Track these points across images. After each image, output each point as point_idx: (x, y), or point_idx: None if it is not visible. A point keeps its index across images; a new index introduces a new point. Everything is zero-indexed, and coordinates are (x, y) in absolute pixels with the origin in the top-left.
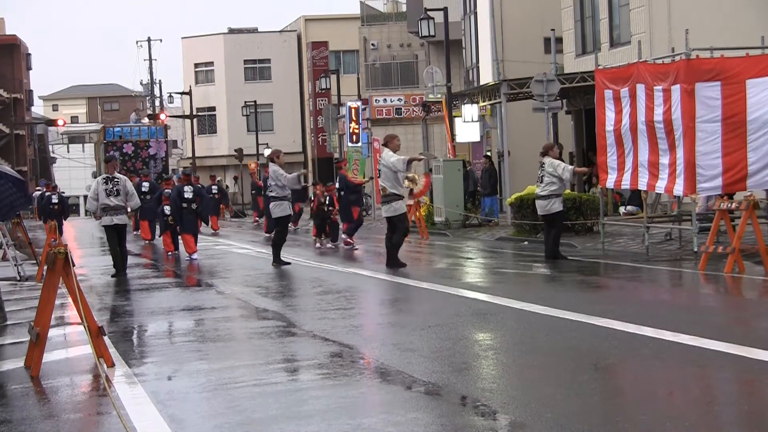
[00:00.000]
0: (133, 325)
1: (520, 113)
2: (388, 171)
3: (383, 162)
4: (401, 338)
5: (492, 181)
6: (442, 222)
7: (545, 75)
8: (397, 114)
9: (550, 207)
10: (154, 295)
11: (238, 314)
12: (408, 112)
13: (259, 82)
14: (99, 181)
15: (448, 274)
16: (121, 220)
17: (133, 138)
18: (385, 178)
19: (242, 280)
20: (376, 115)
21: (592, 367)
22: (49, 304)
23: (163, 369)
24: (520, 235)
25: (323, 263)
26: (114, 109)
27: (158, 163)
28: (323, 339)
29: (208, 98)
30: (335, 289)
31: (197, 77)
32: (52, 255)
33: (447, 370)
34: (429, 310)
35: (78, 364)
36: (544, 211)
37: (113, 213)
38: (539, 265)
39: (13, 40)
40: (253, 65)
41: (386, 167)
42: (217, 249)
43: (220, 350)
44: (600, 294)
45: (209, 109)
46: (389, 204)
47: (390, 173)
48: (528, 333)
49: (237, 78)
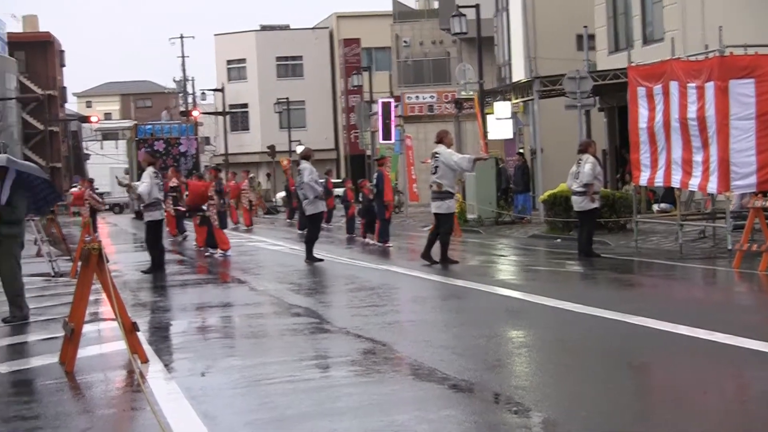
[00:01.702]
0: (167, 321)
1: (552, 110)
2: (447, 169)
3: (443, 159)
4: (434, 335)
5: (525, 178)
6: (475, 219)
7: (578, 72)
8: (429, 111)
9: (585, 203)
10: (187, 291)
11: (270, 311)
12: (440, 109)
13: (291, 79)
14: (151, 174)
15: (481, 272)
16: (164, 214)
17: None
18: (443, 175)
19: (275, 276)
20: (408, 112)
21: (625, 365)
22: (84, 300)
23: (197, 365)
24: (553, 232)
25: (356, 260)
26: (147, 106)
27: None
28: (356, 336)
29: (240, 95)
30: (368, 285)
31: (230, 74)
32: (87, 251)
33: (480, 367)
34: (462, 308)
35: (112, 360)
36: (579, 207)
37: (161, 207)
38: (572, 263)
39: (46, 37)
40: (286, 62)
41: (446, 165)
42: (250, 246)
43: (252, 347)
44: (633, 292)
45: (242, 106)
46: (443, 201)
47: (449, 171)
48: (561, 331)
49: (269, 75)
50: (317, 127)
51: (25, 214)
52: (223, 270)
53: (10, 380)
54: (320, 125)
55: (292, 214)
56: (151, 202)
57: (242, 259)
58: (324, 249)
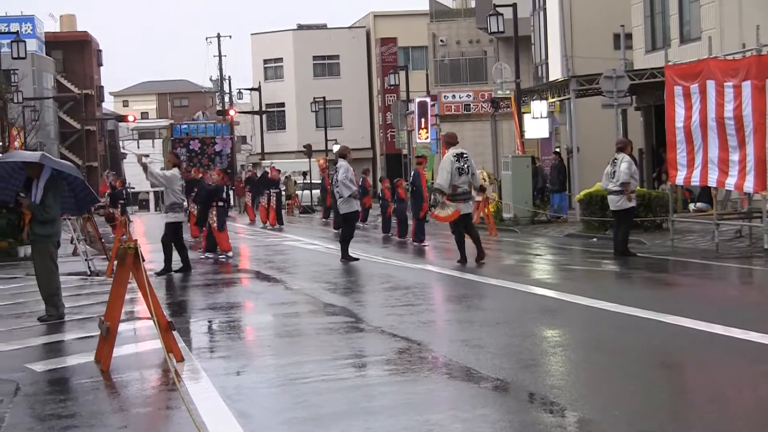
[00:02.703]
0: (202, 320)
1: (589, 109)
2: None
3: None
4: (469, 334)
5: (561, 178)
6: (511, 218)
7: (615, 71)
8: (466, 110)
9: (622, 203)
10: (222, 290)
11: (306, 310)
12: (476, 108)
13: (328, 78)
14: (175, 175)
15: (517, 271)
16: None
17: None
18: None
19: (310, 275)
20: (445, 111)
21: (660, 365)
22: (119, 298)
23: (232, 364)
24: (588, 231)
25: (391, 259)
26: (183, 105)
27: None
28: (391, 335)
29: (277, 94)
30: (403, 285)
31: (266, 73)
32: (123, 250)
33: (515, 366)
34: (497, 307)
35: (147, 359)
36: (616, 206)
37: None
38: (608, 262)
39: (84, 36)
40: (322, 61)
41: (446, 167)
42: (286, 245)
43: (288, 345)
44: (669, 291)
45: (278, 105)
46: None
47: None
48: (596, 330)
49: (306, 74)
50: (353, 127)
51: (61, 214)
52: (259, 269)
53: (46, 379)
54: (356, 124)
55: (327, 213)
56: (173, 203)
57: (278, 258)
58: (359, 248)
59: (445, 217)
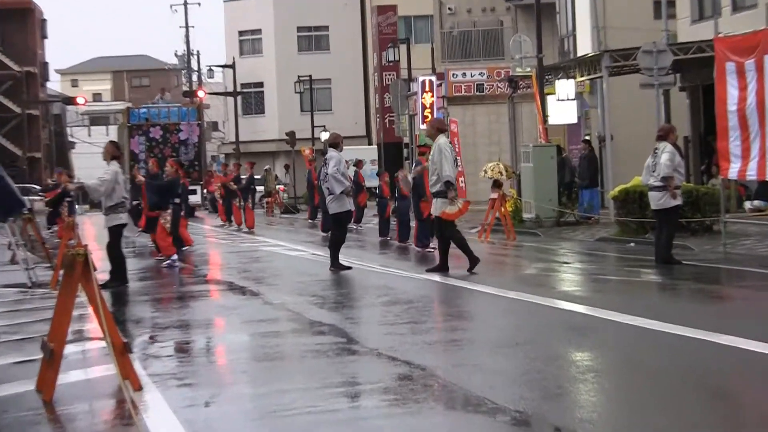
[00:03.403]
0: (165, 341)
1: (625, 90)
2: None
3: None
4: (483, 358)
5: (592, 171)
6: (532, 219)
7: (655, 45)
8: (479, 91)
9: (665, 201)
10: (189, 305)
11: (288, 328)
12: (491, 88)
13: (314, 54)
14: (117, 171)
15: (539, 282)
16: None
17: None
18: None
19: (294, 287)
20: (454, 92)
21: (711, 394)
22: (66, 315)
23: (200, 393)
24: (624, 235)
25: (390, 268)
26: (144, 85)
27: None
28: (390, 358)
29: (254, 72)
30: (405, 298)
31: (242, 48)
32: (70, 257)
33: (538, 396)
34: (516, 325)
35: (99, 387)
36: (658, 204)
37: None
38: (648, 271)
39: (25, 3)
40: (308, 33)
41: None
42: (264, 250)
43: (267, 371)
44: (721, 306)
45: (256, 85)
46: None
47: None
48: (635, 352)
49: (289, 48)
50: (345, 110)
51: None
52: (233, 280)
53: None
54: (349, 108)
55: (314, 213)
56: (115, 203)
57: (255, 266)
58: (352, 255)
59: (456, 214)
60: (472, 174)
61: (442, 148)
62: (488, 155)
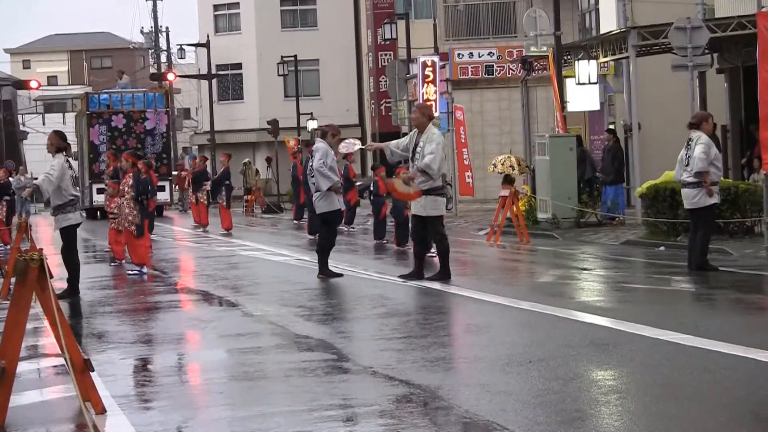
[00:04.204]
0: (130, 358)
1: (654, 72)
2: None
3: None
4: (492, 377)
5: (616, 165)
6: (549, 220)
7: (689, 21)
8: (488, 73)
9: (700, 199)
10: (158, 317)
11: (271, 343)
12: (502, 70)
13: (300, 31)
14: (64, 165)
15: (556, 291)
16: (83, 216)
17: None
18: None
19: (277, 297)
20: (460, 74)
21: (752, 417)
22: (19, 329)
23: (171, 417)
24: (654, 237)
25: (387, 275)
26: (105, 67)
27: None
28: (386, 377)
29: (231, 52)
30: (403, 309)
31: (217, 24)
32: (23, 263)
33: (554, 420)
34: (530, 340)
35: (56, 410)
36: (692, 203)
37: (79, 207)
38: (680, 279)
39: None
40: (293, 7)
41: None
42: (244, 255)
43: (247, 392)
44: (763, 319)
45: (233, 67)
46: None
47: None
48: (665, 371)
49: (271, 25)
50: (335, 96)
51: None
52: (207, 289)
53: None
54: (340, 93)
55: (300, 213)
56: (64, 202)
57: (233, 273)
58: (344, 260)
59: (405, 195)
60: (480, 168)
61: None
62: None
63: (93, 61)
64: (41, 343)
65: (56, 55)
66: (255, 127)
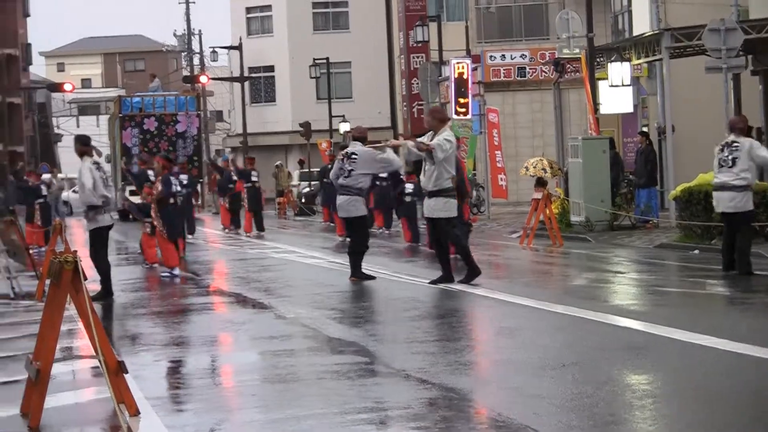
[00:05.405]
0: (164, 360)
1: (688, 74)
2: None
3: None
4: (525, 380)
5: (650, 168)
6: (582, 223)
7: (723, 22)
8: (520, 75)
9: (745, 202)
10: (191, 319)
11: (304, 346)
12: (534, 72)
13: (332, 33)
14: (91, 167)
15: (590, 294)
16: (115, 218)
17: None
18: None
19: (310, 299)
20: (492, 76)
21: None
22: (53, 330)
23: (204, 419)
24: (688, 240)
25: (420, 278)
26: (139, 69)
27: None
28: (419, 380)
29: (264, 55)
30: (436, 312)
31: (250, 26)
32: (57, 265)
33: (587, 424)
34: (563, 343)
35: (90, 411)
36: (733, 207)
37: (110, 209)
38: (714, 283)
39: None
40: (325, 9)
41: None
42: (277, 258)
43: (279, 394)
44: None
45: (266, 69)
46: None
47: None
48: (699, 375)
49: (303, 27)
50: (367, 98)
51: None
52: (240, 291)
53: None
54: (372, 95)
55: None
56: (94, 204)
57: (265, 276)
58: (376, 262)
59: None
60: (513, 171)
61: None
62: (531, 149)
63: (126, 63)
64: (76, 345)
65: (90, 58)
66: (287, 130)
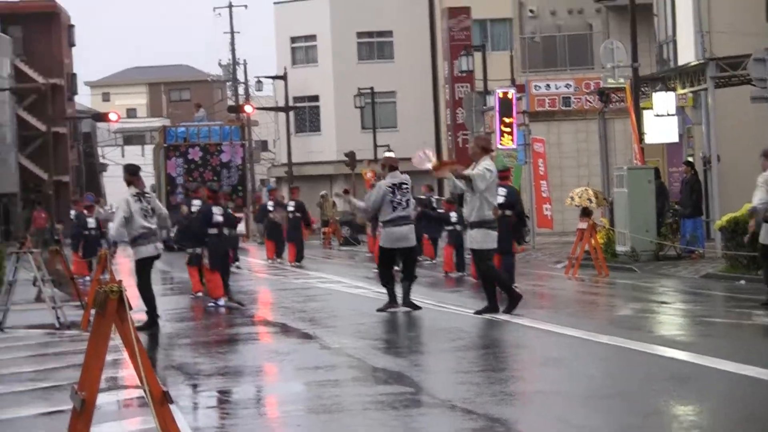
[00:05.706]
0: (209, 390)
1: (733, 104)
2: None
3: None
4: (571, 411)
5: (695, 197)
6: (627, 253)
7: None
8: (565, 105)
9: None
10: (236, 349)
11: (349, 376)
12: (579, 102)
13: (377, 63)
14: (129, 200)
15: (635, 324)
16: (161, 248)
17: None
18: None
19: (354, 329)
20: (537, 106)
21: None
22: (98, 360)
23: None
24: (734, 271)
25: (465, 308)
26: (184, 99)
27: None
28: (465, 411)
29: (308, 84)
30: (481, 343)
31: (295, 56)
32: (103, 294)
33: None
34: (608, 373)
35: None
36: None
37: (155, 239)
38: (761, 314)
39: (51, 7)
40: (370, 39)
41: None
42: (322, 288)
43: (325, 425)
44: None
45: (310, 99)
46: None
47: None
48: (746, 406)
49: (348, 57)
50: (412, 128)
51: None
52: (286, 321)
53: None
54: (416, 124)
55: None
56: (136, 235)
57: (310, 306)
58: (421, 293)
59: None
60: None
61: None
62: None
63: (171, 93)
64: (120, 375)
65: (135, 88)
66: (332, 159)
